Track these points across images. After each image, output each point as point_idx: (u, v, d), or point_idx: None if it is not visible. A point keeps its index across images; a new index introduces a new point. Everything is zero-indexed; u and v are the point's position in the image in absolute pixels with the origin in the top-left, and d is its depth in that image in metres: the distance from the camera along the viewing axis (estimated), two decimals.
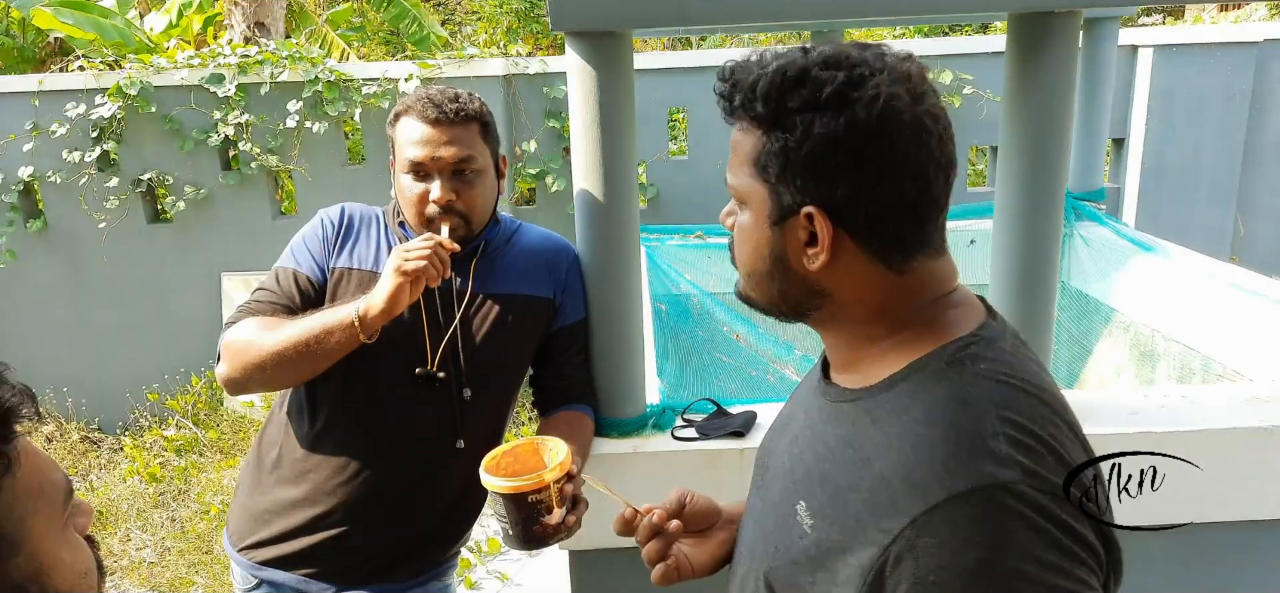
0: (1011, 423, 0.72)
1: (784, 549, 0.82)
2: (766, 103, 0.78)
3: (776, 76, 0.77)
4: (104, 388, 4.73)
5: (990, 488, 0.67)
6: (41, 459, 0.67)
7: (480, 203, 1.51)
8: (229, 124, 4.35)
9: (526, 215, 4.54)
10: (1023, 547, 0.66)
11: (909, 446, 0.73)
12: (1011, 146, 1.64)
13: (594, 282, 1.67)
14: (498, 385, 1.60)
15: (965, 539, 0.67)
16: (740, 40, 8.18)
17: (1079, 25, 1.60)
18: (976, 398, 0.73)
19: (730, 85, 0.82)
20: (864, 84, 0.75)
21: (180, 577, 3.36)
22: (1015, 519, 0.67)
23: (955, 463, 0.69)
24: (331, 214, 1.58)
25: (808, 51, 0.79)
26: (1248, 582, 1.80)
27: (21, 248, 4.59)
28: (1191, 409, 1.76)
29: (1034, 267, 1.65)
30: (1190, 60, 4.42)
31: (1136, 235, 2.97)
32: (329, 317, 1.39)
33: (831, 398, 0.86)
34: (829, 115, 0.75)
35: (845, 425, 0.81)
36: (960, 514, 0.67)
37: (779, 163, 0.78)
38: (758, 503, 0.93)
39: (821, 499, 0.79)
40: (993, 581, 0.66)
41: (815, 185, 0.77)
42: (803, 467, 0.84)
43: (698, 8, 1.52)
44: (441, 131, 1.45)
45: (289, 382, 1.50)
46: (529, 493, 1.24)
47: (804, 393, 0.96)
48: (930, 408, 0.74)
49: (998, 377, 0.75)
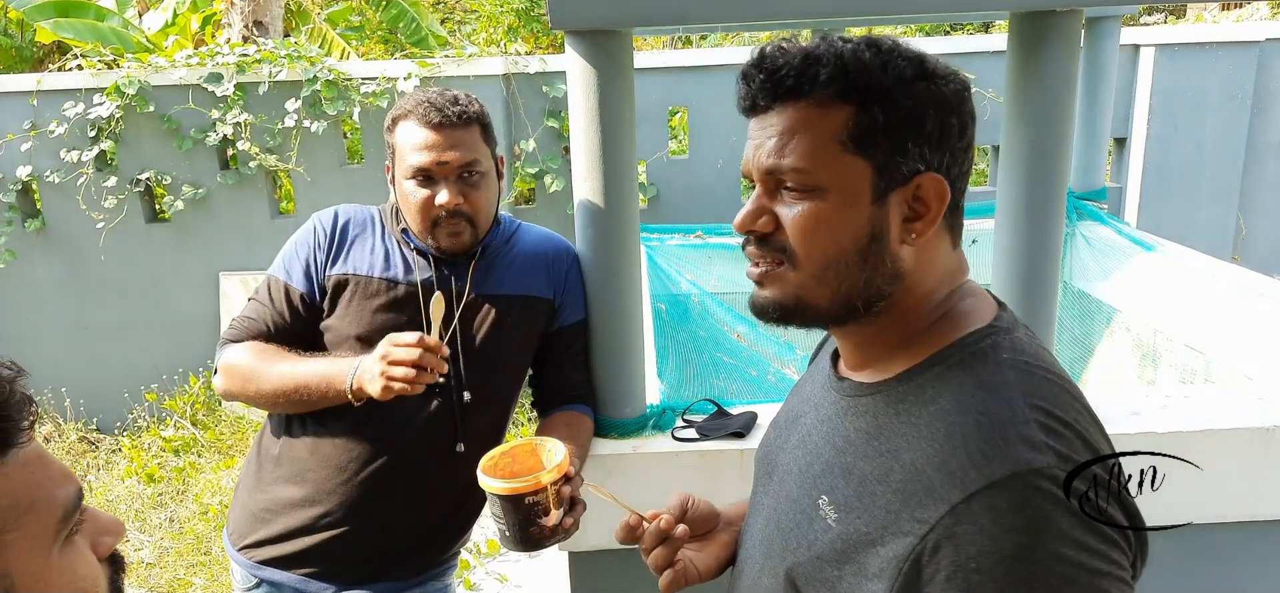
0: (1040, 410, 0.72)
1: (807, 545, 0.81)
2: (857, 74, 0.76)
3: (866, 50, 0.76)
4: (102, 388, 4.72)
5: (1027, 473, 0.68)
6: (41, 472, 0.63)
7: (485, 205, 1.50)
8: (227, 123, 4.34)
9: (526, 215, 4.53)
10: (1061, 531, 0.67)
11: (941, 435, 0.72)
12: (1013, 146, 1.63)
13: (594, 282, 1.67)
14: (497, 388, 1.59)
15: (1006, 526, 0.67)
16: (740, 39, 8.17)
17: (1080, 24, 1.60)
18: (1004, 386, 0.74)
19: (780, 68, 0.78)
20: (932, 60, 0.77)
21: (178, 578, 3.36)
22: (1053, 504, 0.68)
23: (991, 450, 0.69)
24: (324, 220, 1.56)
25: (830, 37, 0.78)
26: (1248, 582, 1.80)
27: (20, 248, 4.58)
28: (1192, 409, 1.76)
29: (1036, 266, 1.65)
30: (1192, 59, 4.41)
31: (1138, 235, 2.97)
32: (325, 375, 1.40)
33: (848, 392, 0.84)
34: (936, 85, 0.76)
35: (866, 418, 0.80)
36: (1000, 501, 0.67)
37: (892, 132, 0.76)
38: (769, 502, 0.92)
39: (847, 493, 0.78)
40: (1032, 565, 0.66)
41: (932, 152, 0.77)
42: (821, 462, 0.83)
43: (698, 7, 1.51)
44: (445, 136, 1.44)
45: (283, 412, 1.53)
46: (526, 495, 1.24)
47: (811, 390, 0.95)
48: (959, 397, 0.74)
49: (1021, 366, 0.76)
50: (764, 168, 0.80)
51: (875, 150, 0.76)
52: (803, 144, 0.77)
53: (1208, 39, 4.42)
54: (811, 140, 0.77)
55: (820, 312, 0.81)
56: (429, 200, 1.46)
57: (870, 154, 0.76)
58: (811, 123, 0.77)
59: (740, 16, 1.64)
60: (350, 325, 1.50)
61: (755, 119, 0.82)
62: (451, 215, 1.46)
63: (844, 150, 0.77)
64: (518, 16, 8.66)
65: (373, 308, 1.50)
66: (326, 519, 1.54)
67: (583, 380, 1.68)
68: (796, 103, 0.78)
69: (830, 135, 0.77)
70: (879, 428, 0.78)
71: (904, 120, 0.76)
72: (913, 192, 0.78)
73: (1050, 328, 1.70)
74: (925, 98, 0.76)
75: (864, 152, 0.76)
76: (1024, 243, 1.65)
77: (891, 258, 0.79)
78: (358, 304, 1.50)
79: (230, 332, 1.53)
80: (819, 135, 0.77)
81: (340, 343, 1.51)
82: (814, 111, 0.77)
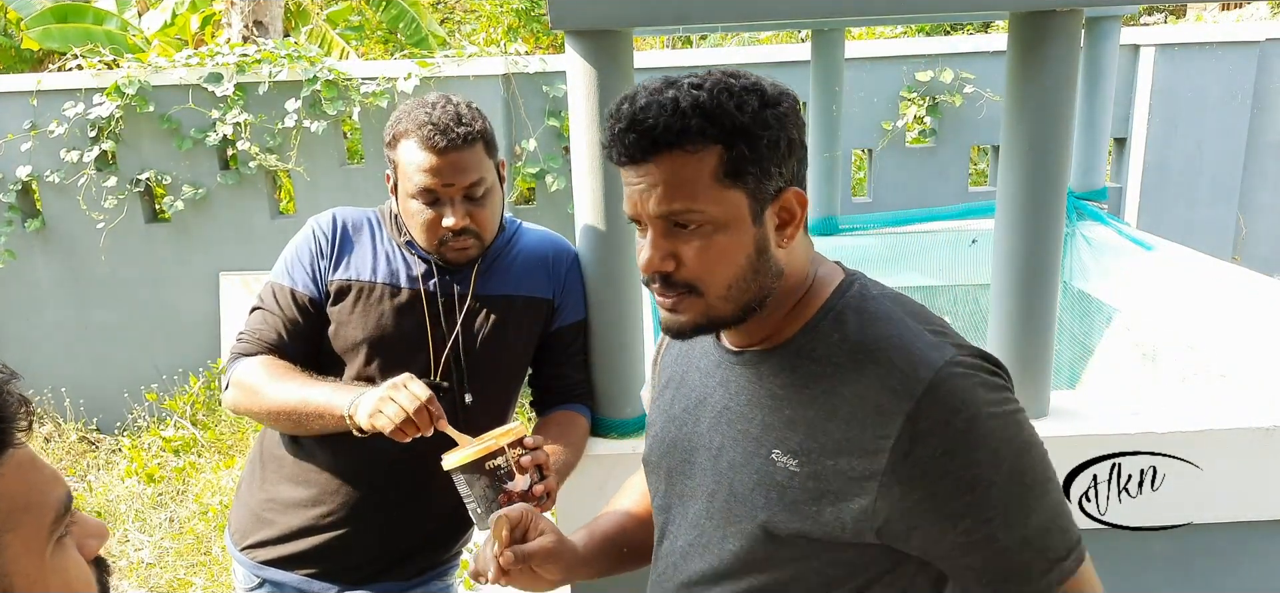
0: (920, 320, 0.92)
1: (777, 495, 0.93)
2: (719, 118, 0.87)
3: (720, 94, 0.87)
4: (102, 388, 4.72)
5: (945, 367, 0.86)
6: (35, 474, 0.64)
7: (491, 219, 1.50)
8: (227, 123, 4.33)
9: (526, 215, 4.53)
10: (984, 396, 0.86)
11: (868, 365, 0.89)
12: (1013, 146, 1.63)
13: (594, 282, 1.67)
14: (498, 389, 1.59)
15: (950, 409, 0.85)
16: (740, 39, 8.17)
17: (1080, 24, 1.60)
18: (889, 315, 0.92)
19: (651, 125, 0.87)
20: (768, 86, 0.91)
21: (178, 578, 3.36)
22: (969, 380, 0.87)
23: (914, 361, 0.87)
24: (323, 224, 1.55)
25: (668, 83, 0.90)
26: (1248, 582, 1.80)
27: (20, 248, 4.58)
28: (1191, 409, 1.76)
29: (1036, 266, 1.65)
30: (1192, 59, 4.41)
31: (1138, 235, 2.96)
32: (328, 400, 1.39)
33: (753, 360, 0.98)
34: (777, 110, 0.89)
35: (785, 374, 0.94)
36: (939, 394, 0.85)
37: (757, 161, 0.88)
38: (703, 481, 1.01)
39: (799, 439, 0.91)
40: (980, 430, 0.85)
41: (786, 167, 0.91)
42: (757, 424, 0.95)
43: (697, 7, 1.51)
44: (449, 159, 1.42)
45: (286, 431, 1.53)
46: (484, 459, 1.27)
47: (700, 376, 1.05)
48: (863, 334, 0.91)
49: (887, 296, 0.96)
50: (656, 214, 0.90)
51: (747, 179, 0.89)
52: (686, 188, 0.88)
53: (1208, 39, 4.42)
54: (692, 183, 0.88)
55: (726, 321, 0.94)
56: (435, 221, 1.45)
57: (743, 183, 0.89)
58: (689, 167, 0.88)
59: (740, 16, 1.64)
60: (355, 331, 1.50)
61: (628, 169, 0.91)
62: (458, 233, 1.45)
63: (721, 186, 0.88)
64: (518, 16, 8.66)
65: (377, 312, 1.50)
66: (329, 520, 1.54)
67: (581, 380, 1.68)
68: (671, 152, 0.88)
69: (708, 175, 0.88)
70: (802, 378, 0.93)
71: (764, 148, 0.88)
72: (779, 205, 0.91)
73: (1050, 328, 1.70)
74: (773, 123, 0.88)
75: (738, 182, 0.89)
76: (1024, 243, 1.65)
77: (774, 262, 0.93)
78: (362, 309, 1.50)
79: (241, 346, 1.52)
80: (698, 177, 0.88)
81: (346, 349, 1.51)
82: (689, 157, 0.88)
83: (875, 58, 4.44)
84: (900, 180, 4.53)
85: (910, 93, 4.43)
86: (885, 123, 4.46)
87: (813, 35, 3.12)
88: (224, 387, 1.53)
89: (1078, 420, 1.72)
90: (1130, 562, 1.76)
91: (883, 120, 4.47)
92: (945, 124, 4.46)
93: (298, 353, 1.50)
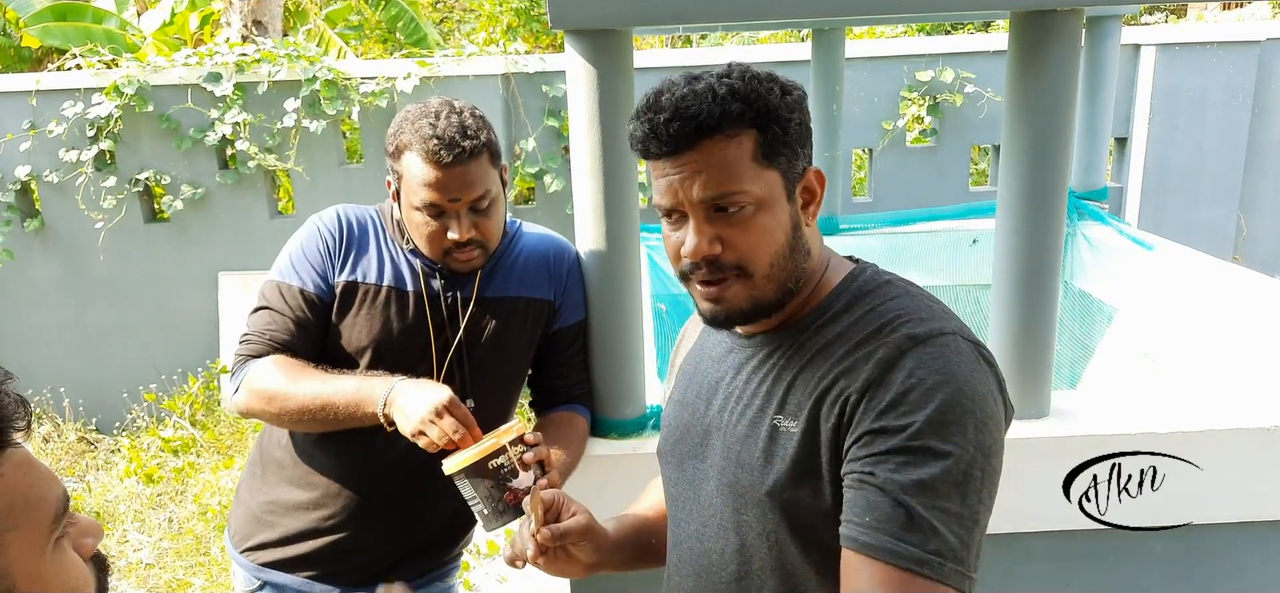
0: (930, 309, 0.95)
1: (781, 459, 0.94)
2: (755, 102, 0.92)
3: (751, 81, 0.93)
4: (101, 388, 4.71)
5: (948, 335, 0.91)
6: (32, 473, 0.64)
7: (496, 228, 1.49)
8: (226, 123, 4.33)
9: (525, 215, 4.52)
10: (973, 379, 0.89)
11: (874, 325, 0.93)
12: (1013, 146, 1.63)
13: (594, 282, 1.66)
14: (500, 391, 1.59)
15: (934, 369, 0.87)
16: (741, 39, 8.17)
17: (1081, 24, 1.60)
18: (906, 291, 0.97)
19: (696, 111, 0.91)
20: (780, 78, 0.96)
21: (177, 579, 3.35)
22: (966, 360, 0.90)
23: (914, 322, 0.91)
24: (329, 223, 1.53)
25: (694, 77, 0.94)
26: (1248, 582, 1.80)
27: (18, 248, 4.57)
28: (1192, 409, 1.76)
29: (1036, 266, 1.65)
30: (1193, 59, 4.41)
31: (1139, 235, 2.96)
32: (355, 396, 1.38)
33: (762, 342, 1.01)
34: (792, 96, 0.96)
35: (788, 349, 0.98)
36: (930, 349, 0.89)
37: (787, 142, 0.94)
38: (714, 462, 1.03)
39: (798, 398, 0.94)
40: (953, 400, 0.86)
41: (805, 149, 0.97)
42: (761, 396, 0.98)
43: (698, 7, 1.51)
44: (454, 174, 1.40)
45: (307, 431, 1.51)
46: (486, 459, 1.27)
47: (711, 364, 1.08)
48: (870, 305, 0.95)
49: (898, 283, 0.99)
50: (700, 199, 0.93)
51: (780, 160, 0.94)
52: (730, 170, 0.92)
53: (1208, 39, 4.42)
54: (735, 165, 0.92)
55: (769, 304, 0.97)
56: (441, 233, 1.44)
57: (777, 164, 0.94)
58: (730, 150, 0.92)
59: (740, 16, 1.64)
60: (360, 333, 1.49)
61: (666, 160, 0.94)
62: (463, 245, 1.44)
63: (760, 166, 0.93)
64: (517, 16, 8.65)
65: (382, 315, 1.49)
66: (331, 522, 1.53)
67: (581, 381, 1.67)
68: (713, 138, 0.92)
69: (748, 157, 0.93)
70: (808, 351, 0.96)
71: (793, 130, 0.95)
72: (804, 183, 0.98)
73: (1051, 328, 1.70)
74: (794, 108, 0.95)
75: (773, 163, 0.94)
76: (1025, 243, 1.65)
77: (804, 240, 0.98)
78: (367, 312, 1.49)
79: (249, 347, 1.48)
80: (740, 159, 0.92)
81: (350, 351, 1.50)
82: (729, 141, 0.92)
83: (876, 57, 4.43)
84: (901, 180, 4.53)
85: (911, 92, 4.43)
86: (886, 122, 4.46)
87: (813, 35, 3.12)
88: (233, 390, 1.49)
89: (1078, 420, 1.72)
90: (1130, 562, 1.76)
91: (883, 120, 4.46)
92: (946, 124, 4.46)
93: (306, 353, 1.48)
